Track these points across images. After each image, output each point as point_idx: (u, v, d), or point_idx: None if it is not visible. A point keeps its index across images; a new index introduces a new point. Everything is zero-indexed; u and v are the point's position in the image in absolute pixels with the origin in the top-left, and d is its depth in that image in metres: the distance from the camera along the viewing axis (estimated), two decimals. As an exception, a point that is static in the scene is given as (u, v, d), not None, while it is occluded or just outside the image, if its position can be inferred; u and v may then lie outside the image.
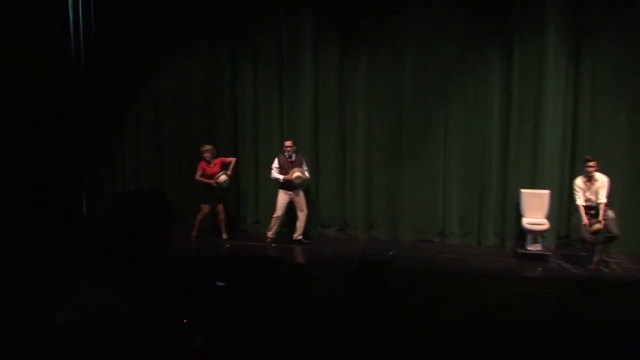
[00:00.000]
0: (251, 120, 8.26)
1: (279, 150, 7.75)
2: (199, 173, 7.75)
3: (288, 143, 7.54)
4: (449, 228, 7.76)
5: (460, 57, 7.38)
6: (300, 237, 7.69)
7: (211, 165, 7.77)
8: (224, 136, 8.35)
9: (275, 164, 7.60)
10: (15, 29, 7.23)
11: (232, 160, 7.90)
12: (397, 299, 4.22)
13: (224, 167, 7.84)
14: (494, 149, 7.42)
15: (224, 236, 7.79)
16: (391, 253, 6.41)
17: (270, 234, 7.66)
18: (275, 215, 7.61)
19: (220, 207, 7.80)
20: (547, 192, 7.15)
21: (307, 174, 7.60)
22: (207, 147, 7.81)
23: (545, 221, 7.05)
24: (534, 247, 6.99)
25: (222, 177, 7.68)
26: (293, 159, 7.56)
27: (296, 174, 7.47)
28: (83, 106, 8.24)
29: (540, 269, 6.58)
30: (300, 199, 7.63)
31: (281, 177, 7.53)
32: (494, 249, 7.36)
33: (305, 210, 7.64)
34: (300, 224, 7.66)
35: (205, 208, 7.76)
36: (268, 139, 8.24)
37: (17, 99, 7.36)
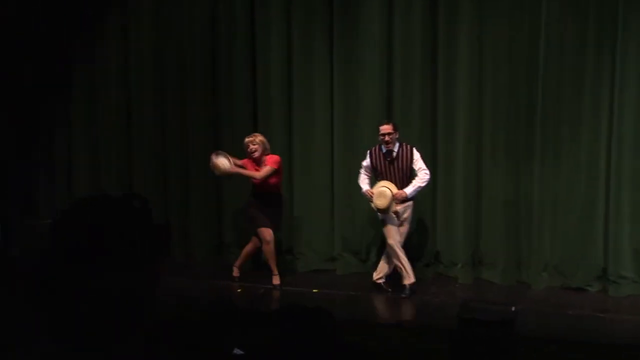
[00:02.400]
0: (281, 90, 8.58)
1: (324, 139, 8.14)
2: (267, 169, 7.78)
3: (384, 128, 7.44)
4: (615, 269, 7.75)
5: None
6: (382, 279, 7.76)
7: (262, 166, 7.80)
8: (236, 119, 8.71)
9: (366, 160, 7.63)
10: None
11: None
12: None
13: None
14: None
15: (276, 280, 7.97)
16: (513, 308, 6.13)
17: (406, 280, 7.57)
18: (392, 243, 7.52)
19: (272, 234, 7.86)
20: None
21: (412, 188, 7.40)
22: (254, 136, 7.82)
23: None
24: None
25: (221, 160, 7.71)
26: (394, 154, 7.47)
27: (381, 188, 7.31)
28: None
29: None
30: (405, 220, 7.58)
31: (364, 187, 7.57)
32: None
33: (395, 239, 7.48)
34: (386, 260, 7.70)
35: (267, 233, 7.80)
36: (308, 119, 8.48)
37: None
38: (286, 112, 8.63)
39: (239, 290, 7.92)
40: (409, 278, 7.56)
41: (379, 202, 7.32)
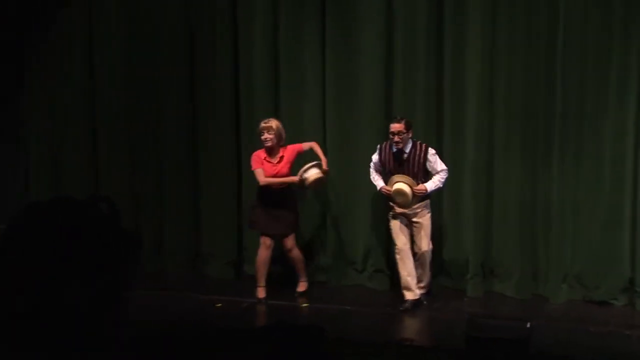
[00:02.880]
0: (267, 79, 8.63)
1: (315, 136, 8.23)
2: (259, 171, 7.83)
3: (395, 126, 7.54)
4: (644, 281, 7.84)
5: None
6: (422, 289, 7.90)
7: (274, 158, 7.83)
8: (217, 111, 8.75)
9: (375, 156, 7.79)
10: None
11: (314, 147, 7.99)
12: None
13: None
14: None
15: (301, 288, 8.15)
16: (529, 325, 6.25)
17: (409, 294, 7.74)
18: (397, 248, 7.73)
19: (291, 239, 7.97)
20: None
21: (433, 184, 7.58)
22: (269, 122, 7.78)
23: None
24: None
25: (313, 173, 7.74)
26: (407, 152, 7.62)
27: (398, 184, 7.47)
28: None
29: None
30: (422, 220, 7.69)
31: (379, 184, 7.71)
32: None
33: (427, 248, 7.70)
34: (425, 264, 7.80)
35: (267, 241, 7.92)
36: (297, 114, 8.54)
37: None
38: (272, 105, 8.64)
39: (218, 305, 7.93)
40: (412, 292, 7.69)
41: (400, 201, 7.51)
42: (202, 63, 8.83)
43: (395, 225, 7.72)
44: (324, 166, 7.83)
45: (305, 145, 7.95)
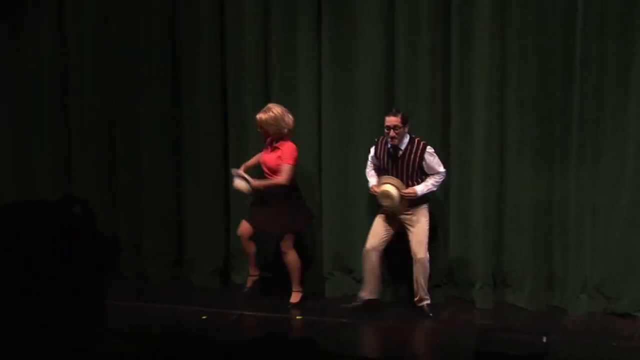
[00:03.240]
0: (256, 71, 8.68)
1: (309, 132, 8.41)
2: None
3: (391, 120, 7.67)
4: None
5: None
6: (425, 302, 7.92)
7: (269, 149, 8.04)
8: (200, 105, 8.81)
9: (372, 150, 7.98)
10: None
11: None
12: None
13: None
14: None
15: (294, 299, 8.24)
16: (544, 339, 6.25)
17: (364, 292, 7.98)
18: (366, 249, 7.92)
19: (286, 242, 8.12)
20: None
21: (424, 187, 7.72)
22: (266, 111, 7.93)
23: None
24: None
25: (238, 184, 8.04)
26: (402, 149, 7.74)
27: (386, 186, 7.63)
28: None
29: None
30: (418, 225, 7.78)
31: (371, 182, 7.95)
32: None
33: (422, 255, 7.79)
34: (418, 275, 7.83)
35: (243, 226, 8.22)
36: (289, 108, 8.40)
37: None
38: (263, 99, 8.62)
39: (203, 317, 7.95)
40: (367, 291, 7.96)
41: (387, 204, 7.68)
42: (187, 58, 8.86)
43: (376, 223, 7.84)
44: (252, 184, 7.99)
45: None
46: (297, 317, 7.95)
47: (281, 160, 7.88)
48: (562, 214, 7.96)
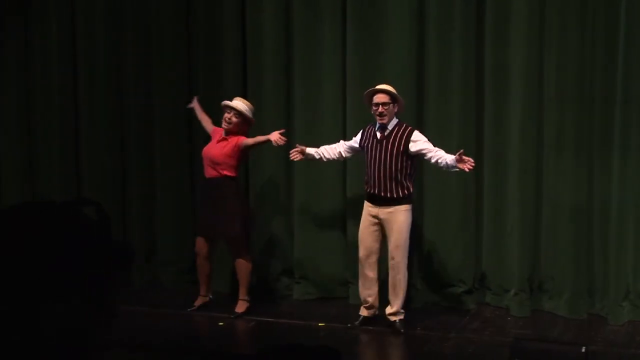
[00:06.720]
0: (277, 57, 8.78)
1: (332, 121, 8.51)
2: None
3: (378, 97, 7.67)
4: None
5: None
6: (396, 316, 7.84)
7: (215, 141, 8.12)
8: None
9: (355, 137, 8.03)
10: None
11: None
12: None
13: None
14: None
15: (239, 308, 8.23)
16: (584, 349, 6.24)
17: (362, 309, 7.97)
18: (360, 256, 7.90)
19: (234, 245, 8.17)
20: None
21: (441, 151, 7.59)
22: (234, 101, 8.02)
23: None
24: None
25: None
26: (389, 129, 7.72)
27: None
28: None
29: None
30: (396, 225, 7.70)
31: (311, 150, 8.03)
32: None
33: (398, 258, 7.71)
34: (393, 285, 7.80)
35: (199, 244, 8.20)
36: (312, 96, 8.64)
37: None
38: (283, 105, 8.75)
39: (220, 324, 7.99)
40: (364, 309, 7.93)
41: None
42: (204, 60, 8.93)
43: (360, 229, 7.82)
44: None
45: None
46: (320, 325, 7.94)
47: (226, 153, 7.90)
48: (603, 217, 7.94)
